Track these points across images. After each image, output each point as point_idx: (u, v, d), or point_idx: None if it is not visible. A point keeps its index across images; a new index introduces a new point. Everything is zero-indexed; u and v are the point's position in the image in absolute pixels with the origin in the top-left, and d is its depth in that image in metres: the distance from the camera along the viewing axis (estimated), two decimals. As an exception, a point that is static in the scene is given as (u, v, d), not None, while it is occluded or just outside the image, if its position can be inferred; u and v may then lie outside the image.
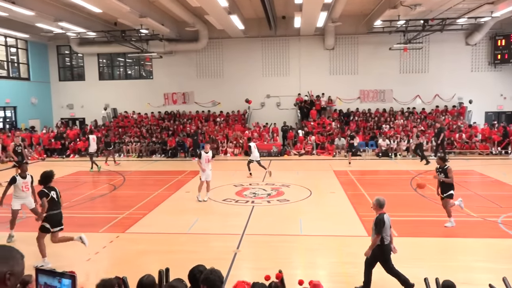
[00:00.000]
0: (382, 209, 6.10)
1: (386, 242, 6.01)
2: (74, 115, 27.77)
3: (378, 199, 6.12)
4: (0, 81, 23.46)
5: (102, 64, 27.88)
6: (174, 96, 26.73)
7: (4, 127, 24.07)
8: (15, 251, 1.97)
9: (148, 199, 12.50)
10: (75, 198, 12.95)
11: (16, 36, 24.20)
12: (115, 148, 21.86)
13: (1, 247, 1.94)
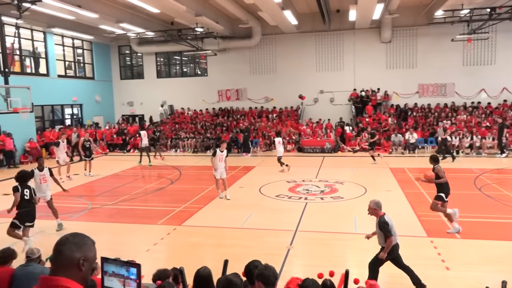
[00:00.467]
0: (380, 210, 6.05)
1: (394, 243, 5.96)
2: (134, 111, 29.09)
3: (376, 202, 6.06)
4: (68, 81, 25.11)
5: (160, 63, 28.92)
6: (227, 93, 27.15)
7: (71, 124, 25.75)
8: (87, 237, 2.09)
9: (203, 194, 12.83)
10: (135, 191, 13.59)
11: (82, 38, 25.74)
12: (163, 143, 22.64)
13: (74, 234, 2.07)
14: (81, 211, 11.41)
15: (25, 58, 22.41)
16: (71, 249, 2.00)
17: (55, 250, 2.02)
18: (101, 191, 13.89)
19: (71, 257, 1.99)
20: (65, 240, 2.02)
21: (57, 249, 2.01)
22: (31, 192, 8.54)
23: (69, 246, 2.00)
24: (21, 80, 18.50)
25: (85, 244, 2.05)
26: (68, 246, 2.00)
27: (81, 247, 2.02)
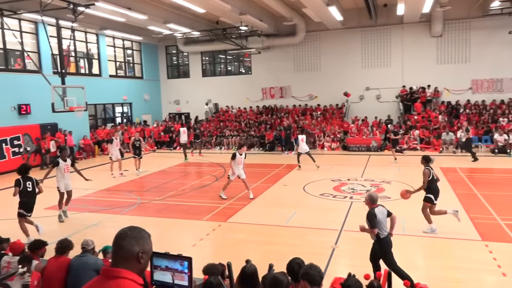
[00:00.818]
0: (374, 204, 6.08)
1: (382, 236, 5.96)
2: (180, 110, 29.82)
3: (370, 194, 6.18)
4: (118, 80, 26.16)
5: (205, 62, 29.44)
6: (271, 91, 27.17)
7: (122, 121, 26.82)
8: (143, 231, 2.19)
9: (247, 191, 12.89)
10: (181, 187, 13.95)
11: (132, 39, 26.71)
12: (203, 141, 23.22)
13: (132, 228, 2.17)
14: (131, 205, 11.86)
15: (80, 60, 23.60)
16: (130, 243, 2.09)
17: (115, 244, 2.12)
18: (149, 187, 14.37)
19: (131, 251, 2.08)
20: (124, 235, 2.12)
21: (117, 243, 2.11)
22: (33, 184, 9.09)
23: (128, 241, 2.10)
24: (76, 80, 19.50)
25: (142, 237, 2.14)
26: (128, 241, 2.10)
27: (139, 240, 2.11)
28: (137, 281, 2.05)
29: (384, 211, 6.10)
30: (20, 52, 19.36)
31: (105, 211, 11.27)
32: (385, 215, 6.07)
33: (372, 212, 5.98)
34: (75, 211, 11.36)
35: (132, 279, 2.04)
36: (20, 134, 18.47)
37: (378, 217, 5.95)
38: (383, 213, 6.06)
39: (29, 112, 18.95)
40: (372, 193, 6.26)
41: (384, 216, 6.04)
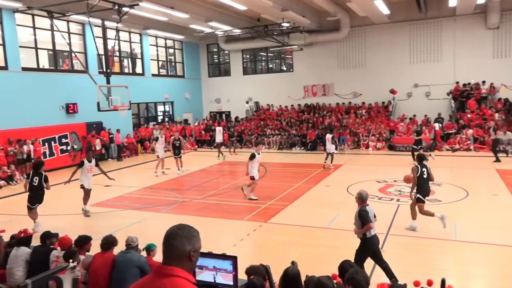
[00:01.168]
0: (364, 202, 6.31)
1: (369, 236, 6.15)
2: (221, 108, 30.22)
3: (360, 192, 6.37)
4: (161, 79, 26.89)
5: (246, 60, 29.64)
6: (314, 88, 26.92)
7: (163, 120, 27.57)
8: (193, 229, 2.24)
9: (289, 191, 12.89)
10: (222, 186, 14.13)
11: (174, 38, 27.37)
12: (237, 139, 23.62)
13: (181, 227, 2.22)
14: (172, 204, 12.16)
15: (124, 59, 24.48)
16: (182, 243, 2.15)
17: (166, 243, 2.17)
18: (190, 185, 14.67)
19: (183, 250, 2.14)
20: (175, 234, 2.17)
21: (168, 242, 2.17)
22: (40, 180, 9.94)
23: (180, 240, 2.15)
24: (120, 79, 20.24)
25: (193, 236, 2.19)
26: (179, 240, 2.15)
27: (190, 239, 2.17)
28: (190, 280, 2.11)
29: (372, 211, 6.30)
30: (68, 53, 20.38)
31: (147, 209, 11.62)
32: (372, 215, 6.27)
33: (364, 209, 6.19)
34: (119, 208, 11.80)
35: (185, 277, 2.10)
36: (67, 133, 19.45)
37: (369, 214, 6.16)
38: (371, 212, 6.27)
39: (76, 111, 19.91)
40: (362, 191, 6.47)
41: (372, 215, 6.25)
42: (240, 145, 24.51)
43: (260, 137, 24.30)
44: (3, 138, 16.64)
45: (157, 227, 10.27)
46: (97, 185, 14.78)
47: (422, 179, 8.62)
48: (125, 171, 18.37)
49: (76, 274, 5.12)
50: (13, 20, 17.53)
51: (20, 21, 17.99)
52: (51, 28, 19.00)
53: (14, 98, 17.22)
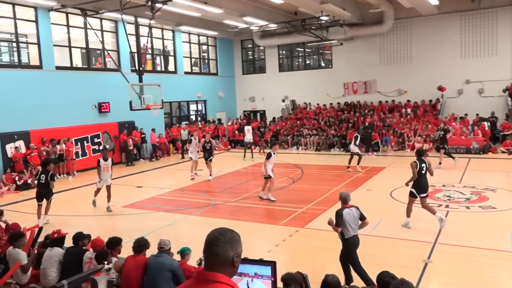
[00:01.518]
0: (345, 203, 6.73)
1: (346, 236, 6.58)
2: (255, 107, 30.34)
3: (341, 193, 6.87)
4: (194, 77, 27.33)
5: (282, 56, 29.62)
6: (354, 86, 26.54)
7: (196, 119, 27.99)
8: (234, 233, 2.28)
9: (327, 195, 12.78)
10: (256, 189, 14.17)
11: (207, 34, 27.75)
12: (284, 140, 23.62)
13: (223, 232, 2.25)
14: (205, 206, 12.33)
15: (156, 57, 25.06)
16: (225, 249, 2.19)
17: (208, 250, 2.21)
18: (223, 187, 14.81)
19: (226, 256, 2.18)
20: (217, 240, 2.20)
21: (210, 249, 2.20)
22: (46, 178, 10.66)
23: (222, 246, 2.19)
24: (152, 78, 20.75)
25: (235, 241, 2.24)
26: (221, 246, 2.19)
27: (232, 244, 2.21)
28: (233, 286, 2.15)
29: (355, 213, 6.69)
30: (100, 51, 21.09)
31: (179, 211, 11.84)
32: (355, 217, 6.65)
33: (339, 212, 6.61)
34: (151, 210, 12.09)
35: (228, 283, 2.14)
36: (100, 132, 20.13)
37: (344, 217, 6.56)
38: (353, 215, 6.64)
39: (108, 110, 20.57)
40: (343, 192, 6.98)
41: (352, 218, 6.62)
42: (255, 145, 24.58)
43: (297, 137, 24.22)
44: (36, 138, 17.42)
45: (189, 230, 10.47)
46: (129, 186, 15.26)
47: (420, 175, 9.21)
48: (157, 172, 18.79)
49: (111, 276, 5.30)
50: (47, 19, 18.33)
51: (54, 20, 18.78)
52: (84, 26, 19.73)
53: (47, 98, 17.98)
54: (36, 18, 17.97)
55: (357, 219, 6.67)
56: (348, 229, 6.58)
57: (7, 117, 16.45)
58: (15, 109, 16.70)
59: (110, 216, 11.65)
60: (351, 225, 6.58)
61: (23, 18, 17.71)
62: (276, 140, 17.64)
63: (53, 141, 17.73)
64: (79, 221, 11.13)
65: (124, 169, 19.54)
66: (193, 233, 10.10)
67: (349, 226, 6.58)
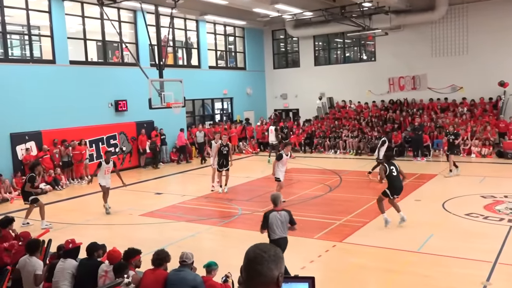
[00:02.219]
0: (275, 206, 7.64)
1: (271, 238, 7.48)
2: (287, 106, 30.32)
3: (271, 195, 7.90)
4: (219, 72, 27.58)
5: (318, 48, 29.50)
6: (401, 81, 26.16)
7: (221, 119, 28.20)
8: (277, 249, 2.31)
9: (369, 205, 12.64)
10: (288, 197, 14.16)
11: (234, 24, 27.97)
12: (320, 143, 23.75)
13: (265, 248, 2.28)
14: (230, 216, 12.42)
15: (178, 50, 25.43)
16: (269, 268, 2.23)
17: (252, 269, 2.25)
18: (251, 195, 14.86)
19: (271, 276, 2.23)
20: (261, 258, 2.24)
21: (254, 268, 2.24)
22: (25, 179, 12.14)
23: (267, 265, 2.23)
24: (174, 73, 21.04)
25: (279, 258, 2.28)
26: (266, 265, 2.23)
27: (277, 263, 2.25)
28: None
29: (284, 217, 7.49)
30: (118, 43, 21.57)
31: (202, 221, 11.96)
32: (282, 222, 7.46)
33: (266, 215, 7.57)
34: (171, 219, 12.25)
35: None
36: (116, 133, 20.57)
37: (271, 220, 7.43)
38: (281, 219, 7.46)
39: (125, 109, 20.97)
40: (274, 193, 8.00)
41: (279, 222, 7.44)
42: (310, 149, 24.46)
43: (335, 139, 24.05)
44: (49, 139, 17.94)
45: (213, 243, 10.57)
46: (147, 193, 15.54)
47: (391, 178, 10.63)
48: (177, 178, 19.04)
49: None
50: (61, 9, 18.90)
51: (69, 10, 19.34)
52: (100, 16, 20.25)
53: (61, 95, 18.49)
54: (49, 8, 18.55)
55: (285, 223, 7.49)
56: (274, 231, 7.45)
57: (18, 116, 17.00)
58: (27, 107, 17.25)
59: (127, 226, 11.88)
60: (277, 227, 7.43)
61: (36, 9, 18.31)
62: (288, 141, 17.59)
63: (64, 143, 18.17)
64: (92, 230, 11.41)
65: (143, 173, 19.88)
66: (218, 246, 10.19)
67: (276, 228, 7.43)
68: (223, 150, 15.20)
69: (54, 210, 13.91)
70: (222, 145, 15.21)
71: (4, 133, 16.66)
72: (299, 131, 25.66)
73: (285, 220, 7.47)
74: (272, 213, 7.49)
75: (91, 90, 19.66)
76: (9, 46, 18.67)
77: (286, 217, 7.48)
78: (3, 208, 14.18)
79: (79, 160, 18.36)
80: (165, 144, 22.55)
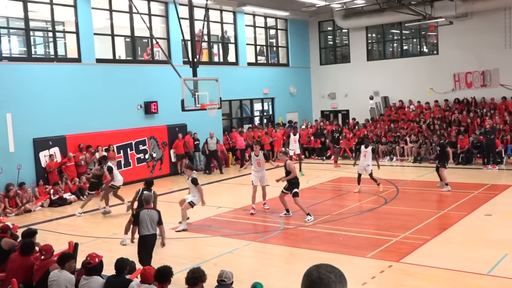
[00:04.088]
0: (147, 204, 9.43)
1: (140, 234, 9.14)
2: (336, 106, 30.17)
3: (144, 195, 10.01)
4: (259, 69, 27.76)
5: (371, 40, 29.25)
6: (468, 77, 25.61)
7: (261, 122, 28.32)
8: (341, 271, 2.42)
9: (430, 220, 12.53)
10: (337, 210, 14.11)
11: (276, 15, 28.13)
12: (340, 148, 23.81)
13: (330, 269, 2.39)
14: (272, 231, 12.47)
15: (213, 45, 25.77)
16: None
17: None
18: (295, 208, 14.83)
19: None
20: (328, 280, 2.34)
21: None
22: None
23: (334, 287, 2.34)
24: (209, 71, 21.35)
25: (344, 278, 2.38)
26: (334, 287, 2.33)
27: (343, 284, 2.36)
28: None
29: (154, 216, 9.18)
30: (148, 39, 22.07)
31: (240, 236, 12.06)
32: (152, 219, 9.11)
33: (137, 213, 9.36)
34: (206, 234, 12.41)
35: None
36: (146, 138, 21.03)
37: (141, 218, 9.08)
38: (150, 216, 9.11)
39: (156, 111, 21.40)
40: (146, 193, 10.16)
41: (149, 219, 9.06)
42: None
43: (391, 144, 23.74)
44: (73, 144, 18.55)
45: (254, 260, 10.65)
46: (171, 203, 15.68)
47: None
48: (212, 187, 19.26)
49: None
50: (88, 3, 19.55)
51: (95, 4, 19.98)
52: (129, 9, 20.83)
53: (87, 96, 19.09)
54: (74, 2, 19.22)
55: (155, 221, 9.15)
56: (144, 228, 9.06)
57: (41, 119, 17.65)
58: (50, 110, 17.91)
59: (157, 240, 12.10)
60: (146, 224, 9.06)
61: (60, 3, 18.99)
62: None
63: (89, 148, 18.71)
64: (119, 245, 11.69)
65: (174, 182, 20.18)
66: (258, 264, 10.26)
67: (145, 225, 9.05)
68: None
69: (79, 222, 14.37)
70: (255, 155, 14.81)
71: (26, 138, 17.29)
72: (350, 135, 25.44)
73: (155, 218, 9.17)
74: (143, 211, 9.22)
75: (119, 90, 20.19)
76: (32, 44, 19.45)
77: (155, 216, 9.19)
78: (24, 220, 14.73)
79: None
80: (199, 150, 22.82)
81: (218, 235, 12.25)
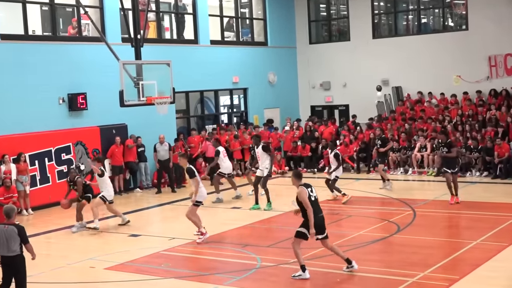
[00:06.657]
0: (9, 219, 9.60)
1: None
2: (331, 100, 30.21)
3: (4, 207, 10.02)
4: (226, 50, 27.63)
5: (378, 11, 29.40)
6: (508, 61, 25.95)
7: (230, 122, 28.14)
8: None
9: (459, 254, 12.59)
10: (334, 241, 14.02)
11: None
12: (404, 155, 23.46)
13: None
14: (245, 270, 12.31)
15: (163, 16, 25.54)
16: None
17: None
18: (276, 238, 14.81)
19: None
20: None
21: None
22: None
23: None
24: (157, 51, 21.16)
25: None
26: None
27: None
28: None
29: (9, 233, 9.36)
30: (73, 7, 21.69)
31: (202, 278, 11.91)
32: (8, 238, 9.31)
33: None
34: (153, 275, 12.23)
35: None
36: (70, 143, 20.65)
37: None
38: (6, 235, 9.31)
39: (84, 107, 21.08)
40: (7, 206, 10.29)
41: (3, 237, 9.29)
42: (367, 167, 24.23)
43: (405, 151, 23.84)
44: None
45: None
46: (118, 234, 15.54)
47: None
48: (163, 211, 19.04)
49: None
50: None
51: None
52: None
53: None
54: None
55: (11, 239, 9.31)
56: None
57: None
58: None
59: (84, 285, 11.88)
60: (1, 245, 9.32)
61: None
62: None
63: (-5, 158, 18.35)
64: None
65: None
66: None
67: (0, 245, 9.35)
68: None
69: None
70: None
71: None
72: (349, 140, 25.32)
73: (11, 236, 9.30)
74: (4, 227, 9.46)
75: (32, 78, 19.84)
76: None
77: (12, 232, 9.32)
78: None
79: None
80: (145, 160, 22.55)
81: (171, 276, 12.09)
